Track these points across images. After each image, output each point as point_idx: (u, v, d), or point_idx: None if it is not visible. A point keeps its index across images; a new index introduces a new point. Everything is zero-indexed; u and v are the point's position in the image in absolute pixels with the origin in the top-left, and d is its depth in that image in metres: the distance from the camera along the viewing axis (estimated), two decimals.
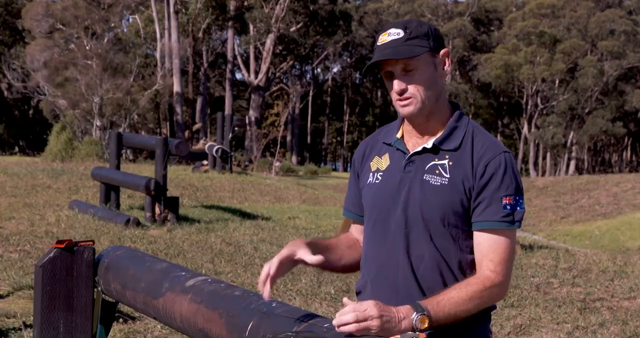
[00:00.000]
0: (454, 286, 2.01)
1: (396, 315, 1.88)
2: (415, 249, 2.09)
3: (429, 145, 2.12)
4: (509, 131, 62.32)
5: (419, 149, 2.13)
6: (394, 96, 2.11)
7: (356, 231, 2.34)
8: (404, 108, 2.10)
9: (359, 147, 2.31)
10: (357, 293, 2.26)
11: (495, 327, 5.81)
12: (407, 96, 2.09)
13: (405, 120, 2.19)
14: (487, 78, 52.97)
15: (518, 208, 2.07)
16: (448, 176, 2.08)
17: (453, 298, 1.97)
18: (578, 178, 32.68)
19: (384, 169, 2.18)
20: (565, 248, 12.21)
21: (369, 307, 1.85)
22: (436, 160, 2.11)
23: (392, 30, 2.09)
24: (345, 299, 1.90)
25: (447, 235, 2.08)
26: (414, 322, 1.89)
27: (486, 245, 2.06)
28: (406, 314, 1.90)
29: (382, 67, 2.12)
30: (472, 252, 2.09)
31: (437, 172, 2.09)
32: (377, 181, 2.18)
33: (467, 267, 2.10)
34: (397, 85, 2.08)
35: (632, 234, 19.58)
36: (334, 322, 1.83)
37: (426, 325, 1.90)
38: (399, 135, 2.19)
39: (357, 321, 1.81)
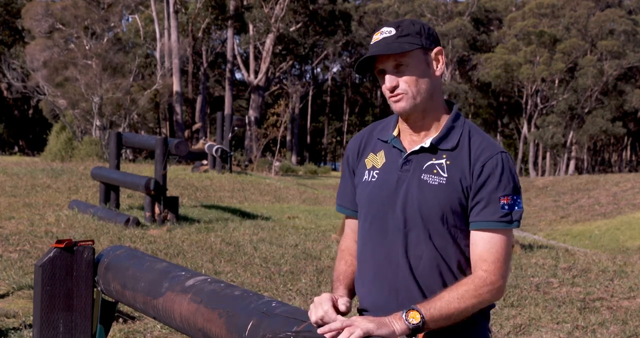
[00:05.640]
0: (448, 287, 2.02)
1: (387, 319, 1.91)
2: (414, 249, 2.09)
3: (427, 144, 2.11)
4: (508, 131, 62.30)
5: (417, 148, 2.12)
6: (386, 93, 2.11)
7: (354, 226, 2.31)
8: (396, 104, 2.10)
9: (352, 142, 2.29)
10: (361, 313, 2.23)
11: (495, 327, 5.81)
12: (398, 92, 2.09)
13: (401, 119, 2.18)
14: (486, 78, 52.94)
15: (516, 207, 2.07)
16: (446, 176, 2.07)
17: (444, 298, 1.97)
18: (578, 178, 32.68)
19: (379, 166, 2.17)
20: (565, 248, 12.20)
21: (358, 318, 1.87)
22: (434, 159, 2.10)
23: (385, 29, 2.11)
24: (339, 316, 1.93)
25: (446, 234, 2.08)
26: (404, 318, 1.90)
27: (481, 245, 2.06)
28: (396, 315, 1.92)
29: (375, 65, 2.12)
30: None
31: (435, 171, 2.08)
32: (373, 179, 2.16)
33: (467, 267, 2.10)
34: (388, 81, 2.09)
35: (631, 234, 19.58)
36: (319, 330, 1.84)
37: (418, 320, 1.91)
38: (395, 133, 2.18)
39: (344, 326, 1.83)
